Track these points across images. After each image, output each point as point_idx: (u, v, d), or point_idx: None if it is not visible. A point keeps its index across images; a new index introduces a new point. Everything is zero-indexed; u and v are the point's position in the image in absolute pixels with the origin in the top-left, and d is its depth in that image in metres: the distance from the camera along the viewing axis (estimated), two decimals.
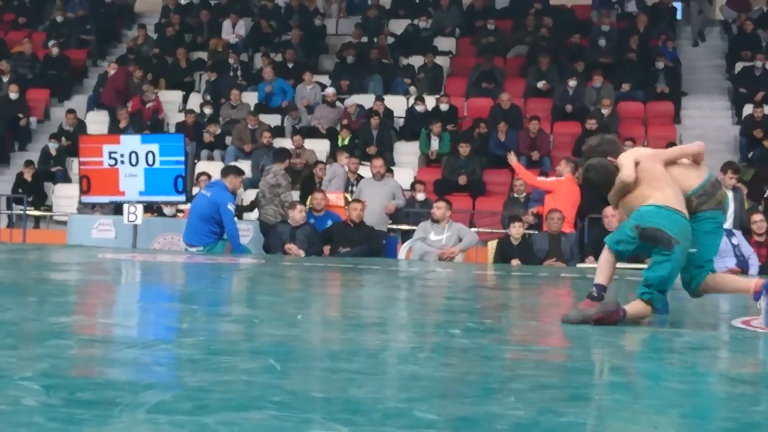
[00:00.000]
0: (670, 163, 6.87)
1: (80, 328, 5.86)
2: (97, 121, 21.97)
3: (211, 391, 3.70)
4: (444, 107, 20.89)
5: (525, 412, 3.54)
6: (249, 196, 17.36)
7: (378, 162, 15.99)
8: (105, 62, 24.42)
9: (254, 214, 15.90)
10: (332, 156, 20.05)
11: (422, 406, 3.61)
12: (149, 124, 20.93)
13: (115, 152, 14.72)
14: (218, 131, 20.77)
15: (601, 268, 6.68)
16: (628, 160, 6.75)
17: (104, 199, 15.33)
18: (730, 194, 14.34)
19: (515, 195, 17.23)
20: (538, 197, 15.99)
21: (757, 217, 14.10)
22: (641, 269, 12.97)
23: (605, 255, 6.69)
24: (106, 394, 3.60)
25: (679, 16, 25.75)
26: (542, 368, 4.72)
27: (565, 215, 14.52)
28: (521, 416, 3.48)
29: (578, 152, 18.80)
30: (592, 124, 19.24)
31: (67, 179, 20.05)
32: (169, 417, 3.24)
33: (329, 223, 14.84)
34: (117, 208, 15.76)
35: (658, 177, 6.66)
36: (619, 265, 6.97)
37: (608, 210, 14.35)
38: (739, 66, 22.30)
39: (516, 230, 14.28)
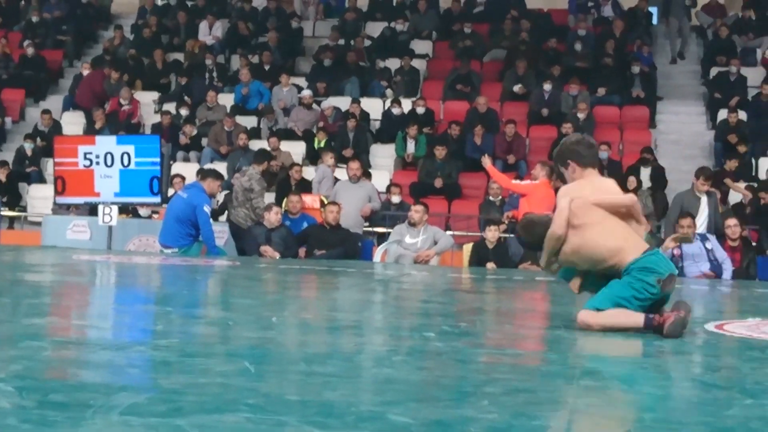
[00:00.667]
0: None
1: (54, 329, 5.84)
2: (72, 122, 21.90)
3: (186, 394, 3.70)
4: (420, 110, 20.92)
5: (499, 416, 3.54)
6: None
7: (354, 164, 15.99)
8: (81, 63, 24.33)
9: (225, 216, 15.87)
10: (308, 158, 20.04)
11: (396, 409, 3.62)
12: (124, 125, 20.89)
13: (90, 153, 14.69)
14: (194, 132, 20.74)
15: (623, 318, 6.21)
16: (560, 217, 6.28)
17: (79, 200, 15.29)
18: (704, 199, 14.43)
19: (491, 198, 17.27)
20: (514, 201, 16.03)
21: (732, 222, 14.15)
22: None
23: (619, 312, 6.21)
24: (80, 396, 3.59)
25: (655, 21, 25.85)
26: (517, 372, 4.73)
27: None
28: (495, 420, 3.48)
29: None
30: (567, 128, 19.29)
31: (42, 180, 19.98)
32: (143, 419, 3.23)
33: (305, 225, 14.82)
34: (92, 209, 15.72)
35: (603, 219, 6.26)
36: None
37: None
38: (714, 71, 22.42)
39: (492, 234, 14.29)
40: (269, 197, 16.52)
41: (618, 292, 6.15)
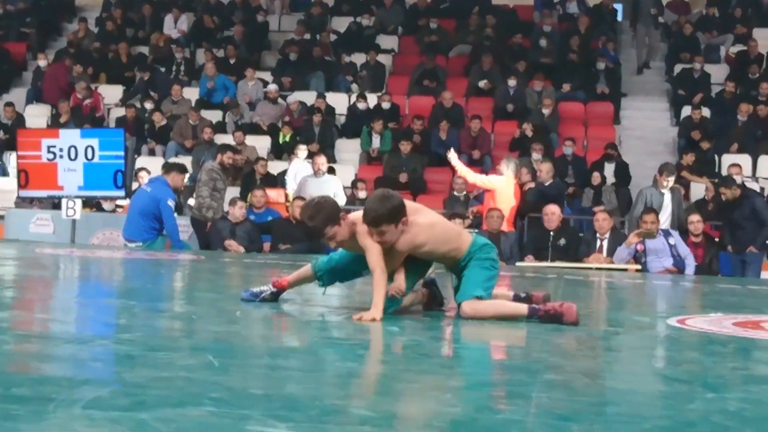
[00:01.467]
0: None
1: (17, 323, 5.81)
2: (35, 115, 21.78)
3: (149, 388, 3.68)
4: (386, 105, 20.92)
5: (462, 410, 3.55)
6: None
7: (319, 159, 15.98)
8: (45, 56, 24.20)
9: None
10: (273, 152, 20.01)
11: (360, 403, 3.62)
12: (89, 119, 20.79)
13: (53, 146, 14.61)
14: (164, 121, 20.68)
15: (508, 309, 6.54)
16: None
17: (42, 193, 15.21)
18: (667, 195, 14.52)
19: (456, 193, 17.30)
20: (479, 196, 16.07)
21: (695, 217, 14.24)
22: (588, 268, 13.10)
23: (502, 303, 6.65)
24: (42, 389, 3.57)
25: (620, 17, 25.97)
26: (480, 366, 4.74)
27: (505, 214, 14.59)
28: (458, 413, 3.49)
29: (518, 145, 18.91)
30: (526, 127, 19.38)
31: (4, 173, 19.85)
32: (106, 413, 3.22)
33: (268, 218, 14.86)
34: (55, 203, 15.64)
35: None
36: (559, 264, 7.02)
37: (548, 209, 14.45)
38: (678, 68, 22.53)
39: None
40: (234, 191, 16.49)
41: (479, 276, 6.42)
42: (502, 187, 14.94)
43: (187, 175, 15.26)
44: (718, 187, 15.70)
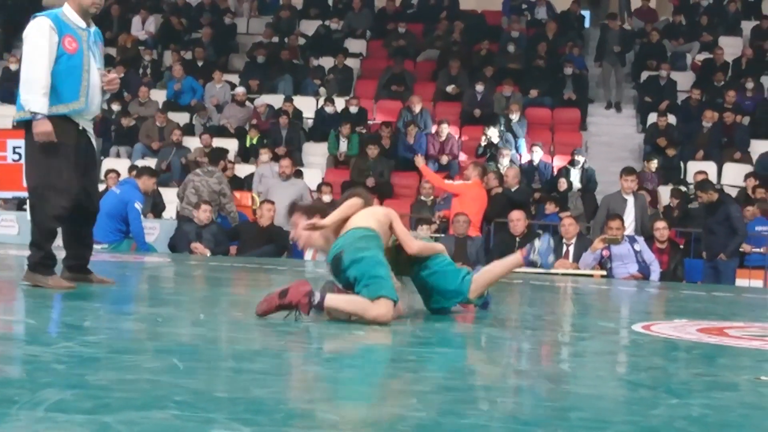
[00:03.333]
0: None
1: None
2: (2, 115, 21.62)
3: (113, 390, 3.67)
4: (353, 109, 20.94)
5: (427, 414, 3.55)
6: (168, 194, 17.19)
7: (285, 162, 15.96)
8: (12, 56, 24.06)
9: (169, 212, 15.74)
10: (240, 155, 19.98)
11: (325, 406, 3.62)
12: None
13: (19, 147, 14.51)
14: (132, 123, 20.61)
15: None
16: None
17: (7, 194, 15.12)
18: (630, 200, 14.58)
19: (423, 198, 17.32)
20: (446, 201, 16.10)
21: (661, 224, 14.32)
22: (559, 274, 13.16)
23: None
24: (5, 391, 3.54)
25: (587, 24, 26.08)
26: (445, 370, 4.74)
27: (472, 219, 14.63)
28: (423, 418, 3.49)
29: (485, 156, 18.96)
30: (492, 133, 19.45)
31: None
32: (69, 416, 3.20)
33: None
34: (18, 204, 15.55)
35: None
36: (525, 269, 7.10)
37: (513, 215, 14.49)
38: (644, 75, 22.66)
39: (424, 233, 14.30)
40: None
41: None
42: (469, 191, 14.98)
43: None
44: (696, 190, 15.79)
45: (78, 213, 7.91)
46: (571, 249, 14.03)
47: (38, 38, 7.67)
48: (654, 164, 18.76)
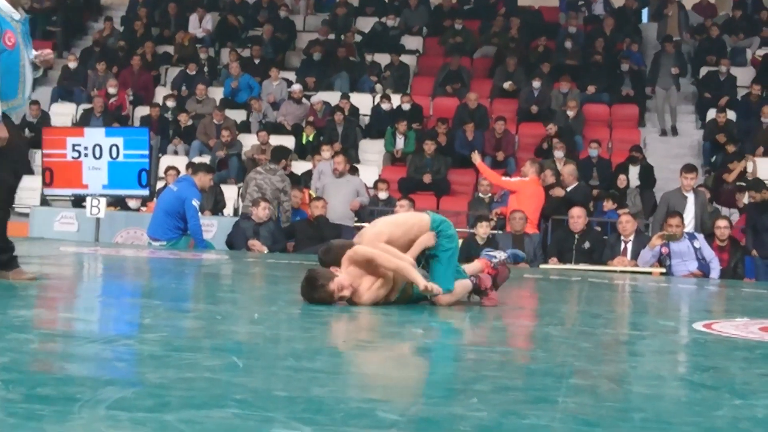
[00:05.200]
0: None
1: (41, 322, 5.81)
2: (61, 113, 21.85)
3: (173, 388, 3.68)
4: (405, 107, 20.90)
5: (488, 414, 3.53)
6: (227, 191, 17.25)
7: (338, 159, 15.95)
8: (71, 54, 24.28)
9: (227, 209, 15.81)
10: (297, 152, 20.02)
11: (385, 406, 3.60)
12: (114, 117, 20.88)
13: (78, 145, 14.66)
14: (189, 121, 20.75)
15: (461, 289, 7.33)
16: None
17: (67, 191, 15.26)
18: (690, 198, 14.44)
19: (480, 195, 17.27)
20: (503, 198, 16.04)
21: (722, 223, 14.18)
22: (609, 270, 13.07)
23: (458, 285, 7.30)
24: (67, 389, 3.57)
25: (644, 20, 25.87)
26: (505, 370, 4.71)
27: (529, 216, 14.56)
28: (484, 418, 3.47)
29: (542, 153, 18.87)
30: (551, 128, 19.32)
31: (29, 171, 19.90)
32: (130, 414, 3.21)
33: (297, 219, 14.89)
34: (78, 201, 15.69)
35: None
36: (583, 267, 7.03)
37: (574, 211, 14.41)
38: (704, 71, 22.44)
39: (483, 230, 14.27)
40: None
41: (447, 271, 7.19)
42: (526, 189, 14.92)
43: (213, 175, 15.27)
44: (747, 190, 15.65)
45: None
46: (629, 246, 13.92)
47: None
48: (735, 165, 18.41)
